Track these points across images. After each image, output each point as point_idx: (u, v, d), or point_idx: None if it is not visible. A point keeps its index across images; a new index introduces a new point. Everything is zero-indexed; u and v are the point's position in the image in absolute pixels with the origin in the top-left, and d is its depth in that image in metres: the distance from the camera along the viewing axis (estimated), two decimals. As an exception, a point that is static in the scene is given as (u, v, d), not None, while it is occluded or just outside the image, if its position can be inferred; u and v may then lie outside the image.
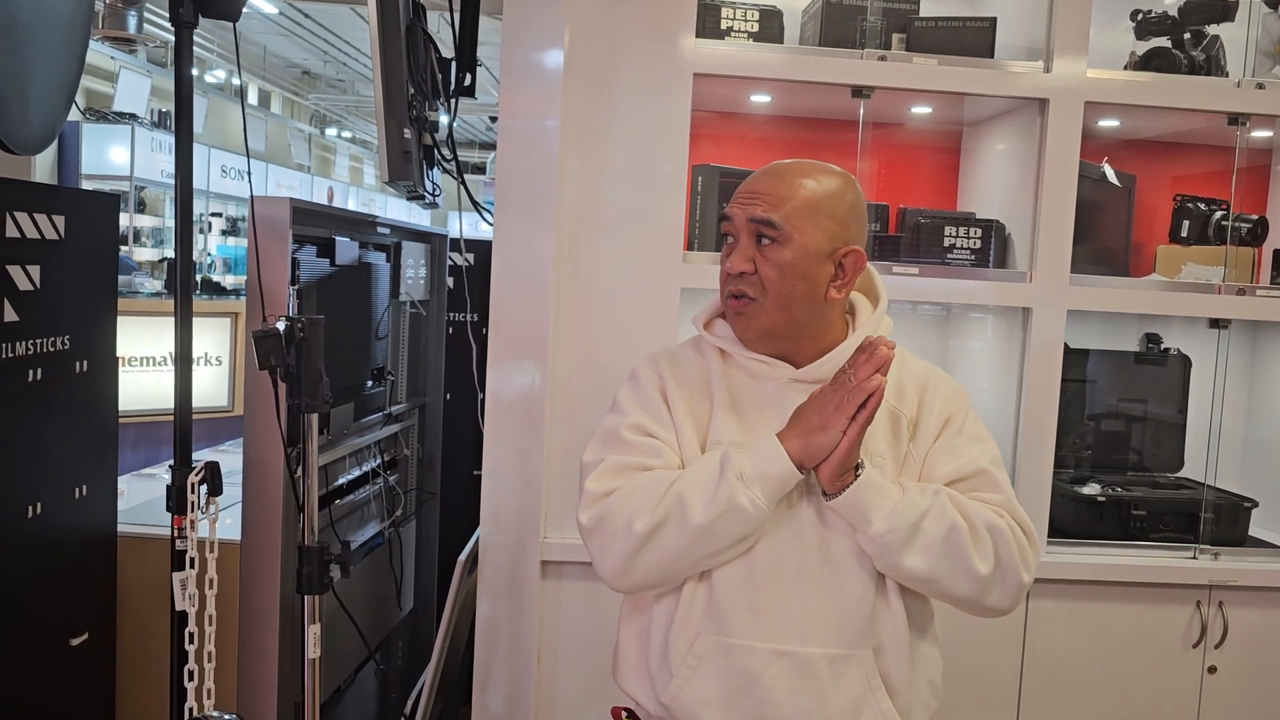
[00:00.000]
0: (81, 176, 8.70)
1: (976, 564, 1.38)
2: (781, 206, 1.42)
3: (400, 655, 3.08)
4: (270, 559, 2.13)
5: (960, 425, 1.49)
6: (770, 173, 1.47)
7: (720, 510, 1.35)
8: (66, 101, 2.04)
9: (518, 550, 2.32)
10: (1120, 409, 2.79)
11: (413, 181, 2.19)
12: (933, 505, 1.38)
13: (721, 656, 1.41)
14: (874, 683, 1.40)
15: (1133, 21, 2.65)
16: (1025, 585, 1.42)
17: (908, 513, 1.37)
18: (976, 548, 1.38)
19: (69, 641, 2.17)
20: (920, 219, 2.56)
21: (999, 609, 1.43)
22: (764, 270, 1.42)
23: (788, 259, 1.41)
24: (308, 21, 11.12)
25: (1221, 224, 2.66)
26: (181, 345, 1.96)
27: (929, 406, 1.49)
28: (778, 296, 1.42)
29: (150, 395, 4.76)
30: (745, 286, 1.43)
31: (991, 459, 1.48)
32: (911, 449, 1.47)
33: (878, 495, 1.37)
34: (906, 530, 1.36)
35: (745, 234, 1.43)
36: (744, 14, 2.44)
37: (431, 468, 3.17)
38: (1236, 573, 2.48)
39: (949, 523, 1.37)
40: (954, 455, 1.47)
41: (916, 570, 1.38)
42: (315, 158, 15.14)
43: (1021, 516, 1.45)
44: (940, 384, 1.52)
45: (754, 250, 1.43)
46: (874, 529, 1.36)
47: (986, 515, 1.41)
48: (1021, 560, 1.41)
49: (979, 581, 1.39)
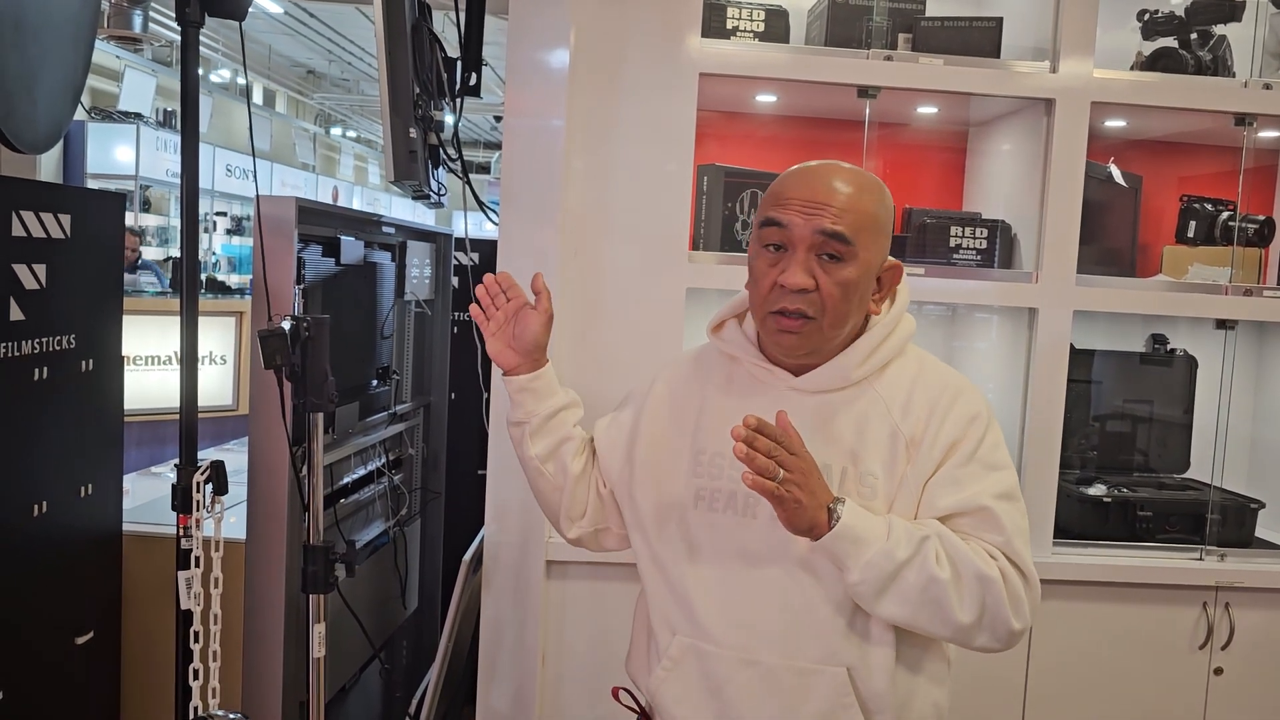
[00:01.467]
0: (87, 176, 8.73)
1: (957, 614, 1.30)
2: (848, 219, 1.32)
3: (405, 654, 3.08)
4: (275, 558, 2.13)
5: (971, 452, 1.37)
6: (824, 177, 1.35)
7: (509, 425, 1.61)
8: (73, 101, 2.04)
9: (522, 550, 2.31)
10: (1126, 410, 2.78)
11: (418, 181, 2.19)
12: (914, 556, 1.29)
13: (695, 659, 1.41)
14: (845, 700, 1.35)
15: (1139, 21, 2.64)
16: (1017, 632, 1.33)
17: (884, 564, 1.29)
18: (959, 598, 1.30)
19: (74, 640, 2.18)
20: (926, 219, 2.56)
21: (989, 649, 1.35)
22: (827, 288, 1.32)
23: (853, 277, 1.33)
24: (313, 21, 11.14)
25: (1228, 224, 2.65)
26: (187, 344, 1.96)
27: (935, 429, 1.37)
28: (836, 315, 1.34)
29: (155, 394, 4.77)
30: (805, 305, 1.32)
31: (998, 493, 1.36)
32: (909, 473, 1.37)
33: (854, 545, 1.28)
34: (882, 581, 1.29)
35: (805, 246, 1.32)
36: (750, 14, 2.44)
37: (436, 467, 3.17)
38: (1243, 574, 2.47)
39: (929, 574, 1.29)
40: (958, 487, 1.36)
41: (892, 616, 1.32)
42: (320, 157, 15.17)
43: (1021, 560, 1.34)
44: (955, 403, 1.39)
45: (814, 264, 1.32)
46: (849, 577, 1.30)
47: (977, 564, 1.31)
48: (1013, 608, 1.32)
49: (961, 629, 1.32)
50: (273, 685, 2.14)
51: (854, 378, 1.39)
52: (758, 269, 1.37)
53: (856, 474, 1.37)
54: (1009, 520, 1.35)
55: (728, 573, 1.40)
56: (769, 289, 1.35)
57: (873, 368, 1.40)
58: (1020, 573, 1.34)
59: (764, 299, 1.36)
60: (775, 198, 1.37)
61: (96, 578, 2.28)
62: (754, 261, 1.39)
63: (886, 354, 1.41)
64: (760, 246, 1.37)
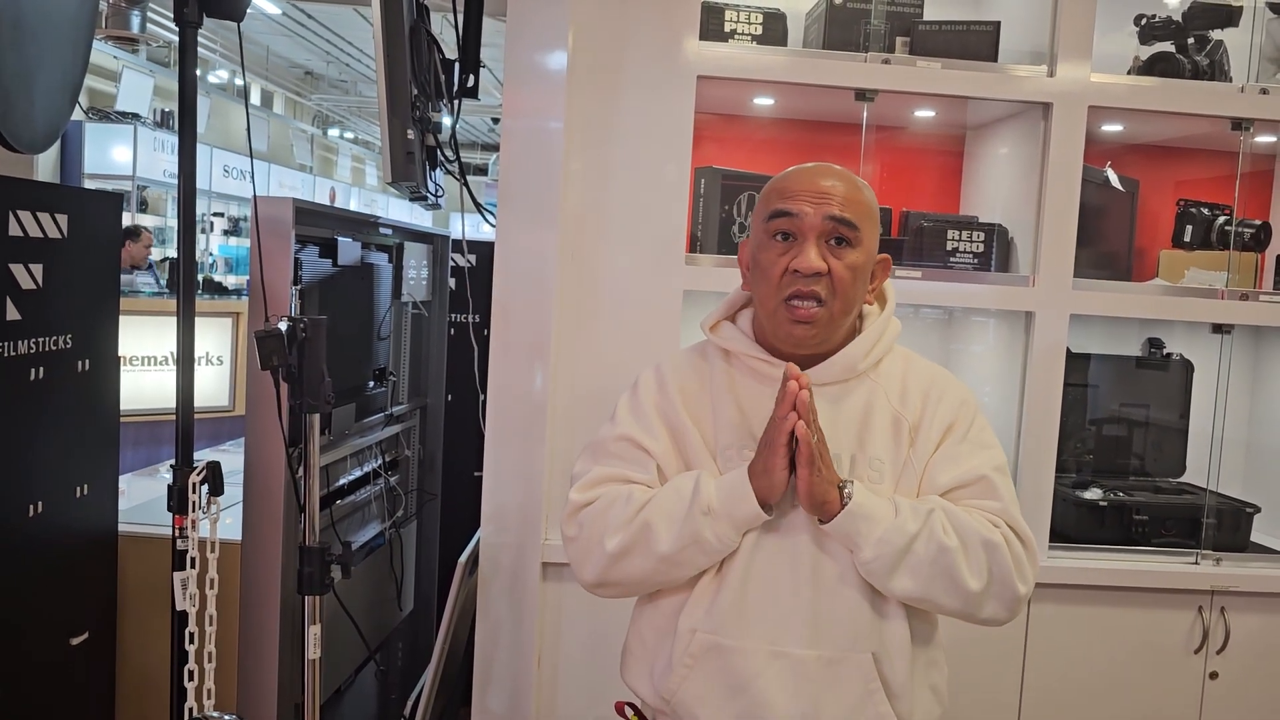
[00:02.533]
0: (84, 176, 8.72)
1: (968, 581, 1.37)
2: (853, 208, 1.40)
3: (400, 656, 3.08)
4: (271, 559, 2.13)
5: (964, 432, 1.46)
6: (826, 173, 1.43)
7: (686, 543, 1.39)
8: (70, 101, 2.04)
9: (518, 551, 2.31)
10: (1122, 414, 2.78)
11: (415, 182, 2.19)
12: (923, 528, 1.36)
13: (717, 657, 1.41)
14: (872, 686, 1.40)
15: (1136, 26, 2.65)
16: (1022, 597, 1.41)
17: (895, 539, 1.35)
18: (968, 565, 1.37)
19: (69, 641, 2.17)
20: (923, 222, 2.56)
21: (995, 620, 1.42)
22: (838, 272, 1.39)
23: (861, 262, 1.41)
24: (311, 22, 11.13)
25: (1225, 229, 2.65)
26: (183, 345, 1.96)
27: (932, 412, 1.46)
28: (845, 299, 1.41)
29: (152, 395, 4.76)
30: (820, 287, 1.39)
31: (994, 466, 1.45)
32: (911, 455, 1.45)
33: (866, 522, 1.35)
34: (895, 556, 1.36)
35: (815, 234, 1.39)
36: (747, 16, 2.44)
37: (432, 469, 3.17)
38: (1238, 578, 2.47)
39: (938, 544, 1.36)
40: (955, 463, 1.44)
41: (906, 590, 1.38)
42: (317, 158, 15.16)
43: (1020, 525, 1.43)
44: (947, 389, 1.49)
45: (825, 250, 1.39)
46: (862, 555, 1.36)
47: (981, 531, 1.39)
48: (1018, 573, 1.39)
49: (971, 597, 1.38)
50: (268, 687, 2.14)
51: (859, 369, 1.46)
52: (766, 260, 1.42)
53: (865, 459, 1.44)
54: (1006, 489, 1.45)
55: (751, 566, 1.41)
56: (781, 275, 1.40)
57: (872, 361, 1.47)
58: (1020, 538, 1.42)
59: (776, 287, 1.41)
60: (780, 192, 1.43)
61: (92, 578, 2.28)
62: (760, 254, 1.44)
63: (883, 349, 1.49)
64: (768, 239, 1.43)
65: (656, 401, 1.51)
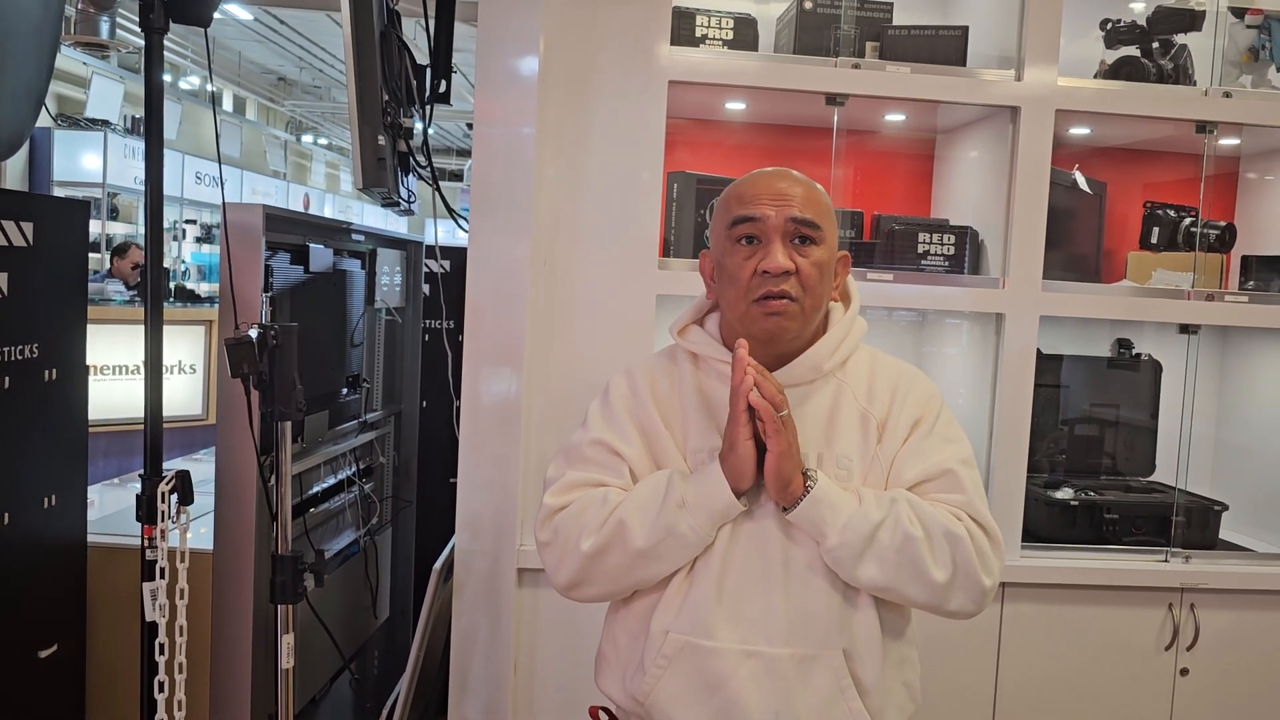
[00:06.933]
0: (54, 183, 8.62)
1: (933, 572, 1.38)
2: (812, 208, 1.43)
3: (376, 664, 3.06)
4: (244, 568, 2.11)
5: (930, 427, 1.48)
6: (781, 176, 1.47)
7: (660, 536, 1.40)
8: (34, 107, 2.02)
9: (494, 558, 2.31)
10: (1093, 414, 2.81)
11: (387, 188, 2.18)
12: (887, 516, 1.38)
13: (691, 656, 1.42)
14: (844, 683, 1.40)
15: (1102, 31, 2.68)
16: (988, 589, 1.42)
17: (861, 526, 1.37)
18: (933, 556, 1.38)
19: (38, 653, 2.14)
20: (894, 226, 2.58)
21: (964, 613, 1.43)
22: (805, 269, 1.42)
23: (825, 259, 1.44)
24: (283, 28, 11.07)
25: (1190, 230, 2.69)
26: (152, 353, 1.94)
27: (899, 408, 1.48)
28: (815, 296, 1.43)
29: (123, 404, 4.71)
30: (789, 286, 1.41)
31: (960, 459, 1.47)
32: (879, 451, 1.47)
33: (830, 510, 1.37)
34: (860, 544, 1.37)
35: (779, 235, 1.42)
36: (719, 21, 2.45)
37: (407, 475, 3.16)
38: (1207, 575, 2.50)
39: (903, 533, 1.37)
40: (921, 457, 1.46)
41: (872, 580, 1.39)
42: (291, 164, 15.07)
43: (984, 517, 1.44)
44: (913, 385, 1.51)
45: (790, 249, 1.42)
46: (828, 542, 1.38)
47: (945, 522, 1.40)
48: (982, 565, 1.40)
49: (936, 588, 1.39)
50: (241, 697, 2.12)
51: (825, 369, 1.47)
52: (733, 264, 1.44)
53: (832, 457, 1.45)
54: (970, 482, 1.46)
55: (724, 566, 1.42)
56: (749, 278, 1.42)
57: (838, 361, 1.49)
58: (984, 530, 1.43)
59: (745, 289, 1.43)
60: (739, 198, 1.46)
61: (61, 590, 2.25)
62: (726, 260, 1.46)
63: (849, 348, 1.51)
64: (732, 244, 1.45)
65: (628, 405, 1.52)
